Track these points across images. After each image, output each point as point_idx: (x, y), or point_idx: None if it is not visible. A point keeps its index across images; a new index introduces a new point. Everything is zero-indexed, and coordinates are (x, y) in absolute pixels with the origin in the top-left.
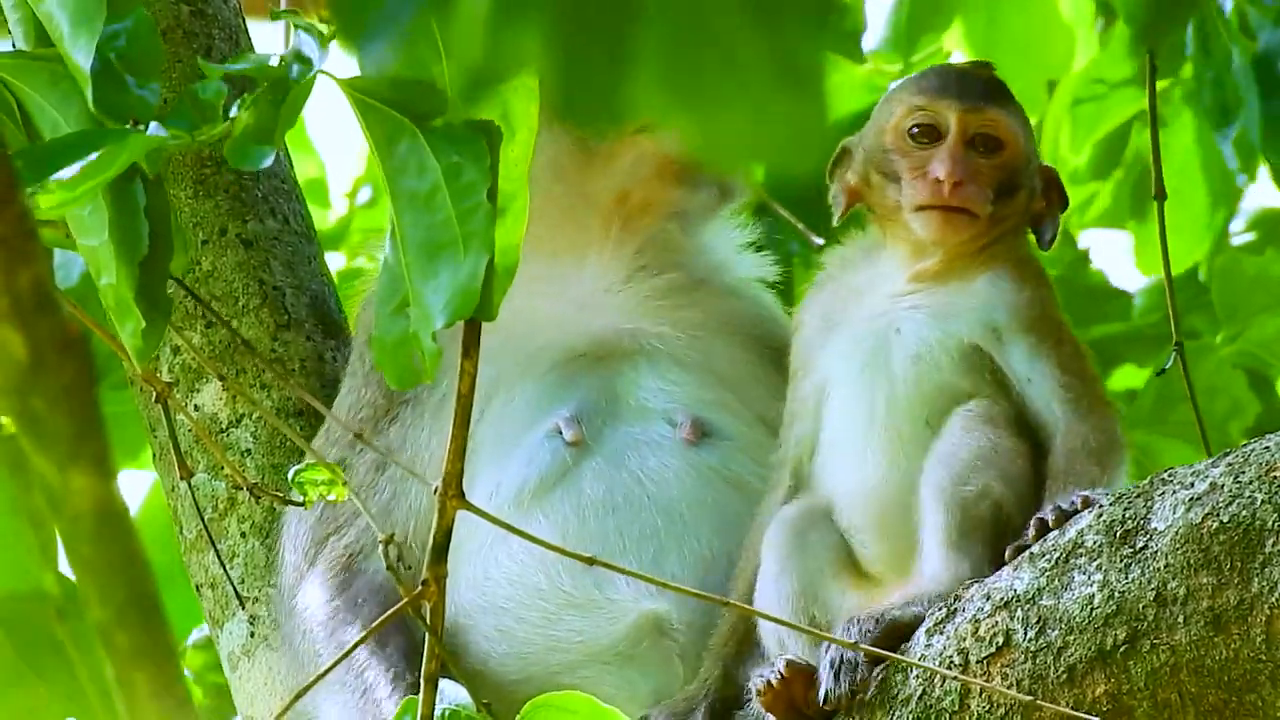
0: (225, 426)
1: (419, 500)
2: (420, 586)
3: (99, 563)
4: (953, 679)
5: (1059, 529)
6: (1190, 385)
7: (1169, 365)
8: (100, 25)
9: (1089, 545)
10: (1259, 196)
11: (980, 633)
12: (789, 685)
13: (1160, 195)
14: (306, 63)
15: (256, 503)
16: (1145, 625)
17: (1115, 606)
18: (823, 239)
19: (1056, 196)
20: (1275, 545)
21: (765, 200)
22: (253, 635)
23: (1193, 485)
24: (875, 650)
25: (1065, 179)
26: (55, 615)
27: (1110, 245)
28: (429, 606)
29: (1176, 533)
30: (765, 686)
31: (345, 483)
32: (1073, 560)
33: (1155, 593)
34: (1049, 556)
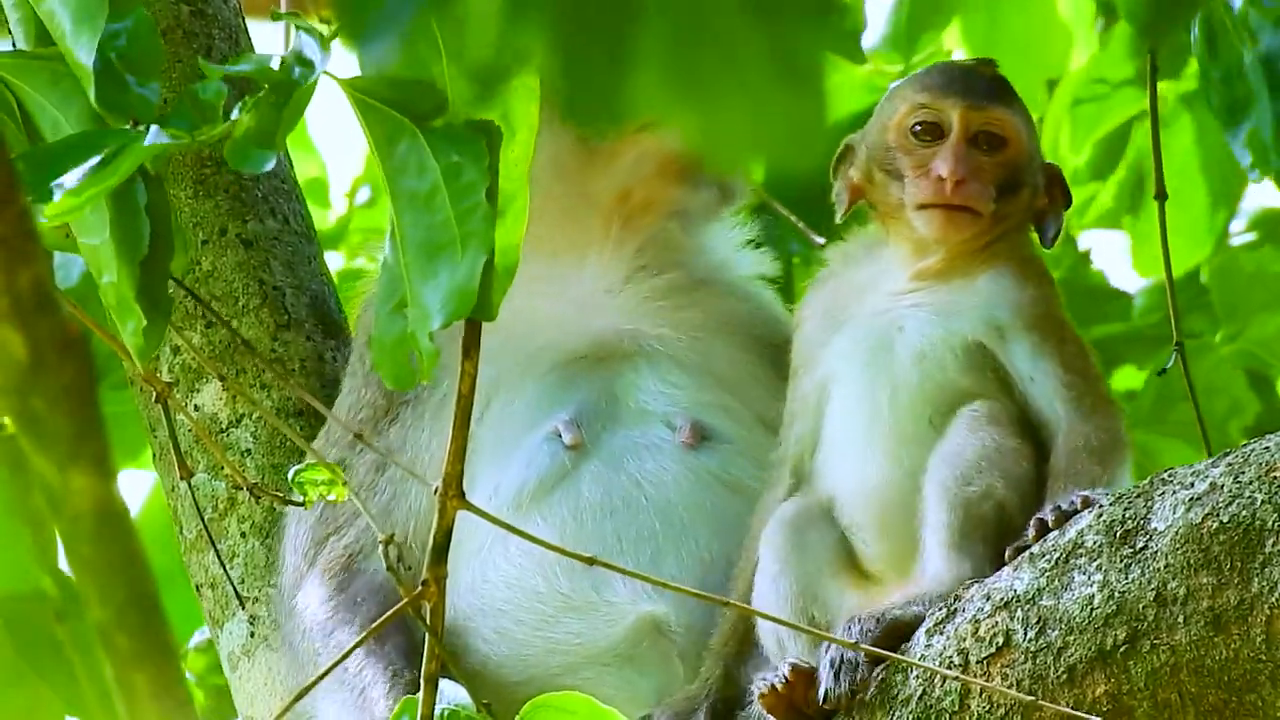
0: (225, 426)
1: (419, 501)
2: (420, 587)
3: (99, 563)
4: (953, 679)
5: (1059, 529)
6: (1191, 385)
7: (1170, 365)
8: (102, 23)
9: (1089, 545)
10: (1259, 197)
11: (980, 633)
12: (792, 689)
13: (1161, 195)
14: (308, 65)
15: (256, 503)
16: (1145, 625)
17: (1115, 607)
18: (823, 238)
19: (1059, 194)
20: (1275, 545)
21: (765, 200)
22: (253, 635)
23: (1193, 485)
24: (875, 650)
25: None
26: (54, 616)
27: (1110, 246)
28: (429, 607)
29: (1176, 533)
30: (769, 690)
31: (345, 483)
32: (1073, 560)
33: (1155, 593)
34: (1049, 557)
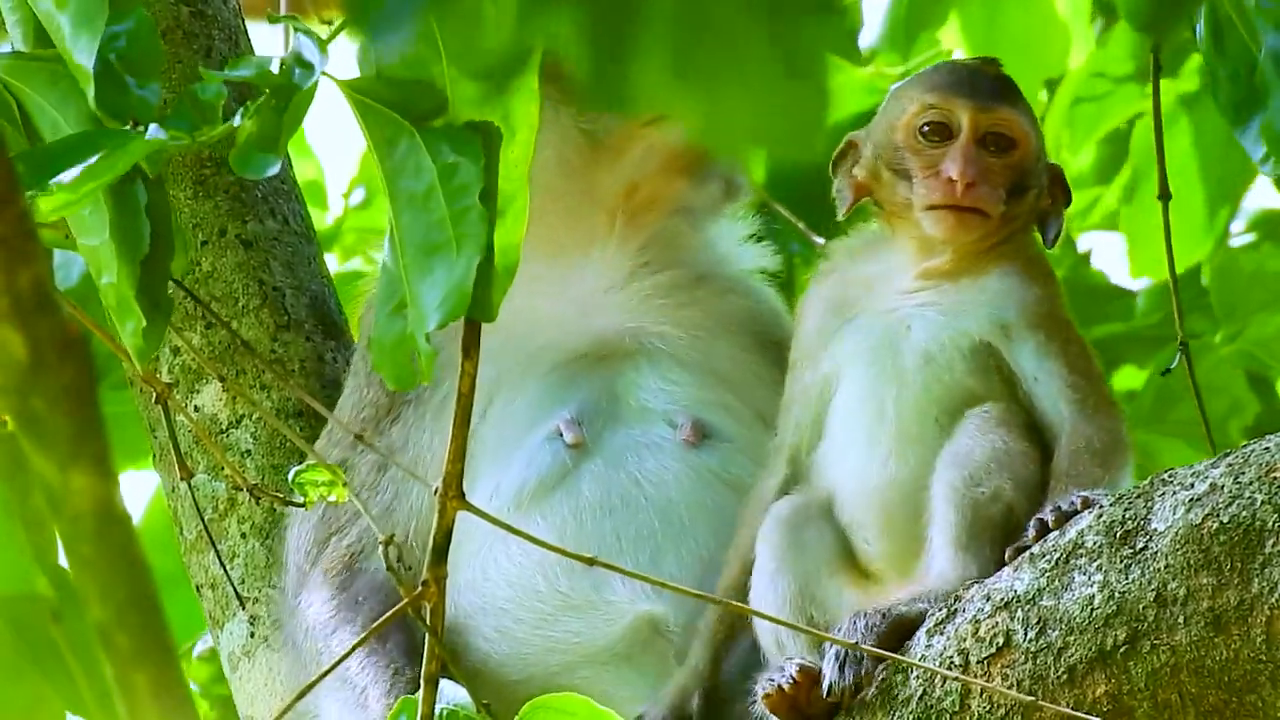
0: (225, 427)
1: (420, 500)
2: (420, 587)
3: (99, 563)
4: (953, 679)
5: (1059, 530)
6: (1196, 384)
7: (1174, 364)
8: (102, 25)
9: (1089, 546)
10: (1259, 197)
11: (980, 633)
12: (799, 689)
13: (1165, 195)
14: (308, 67)
15: (256, 503)
16: (1145, 626)
17: (1115, 607)
18: (824, 238)
19: (1060, 193)
20: (1275, 546)
21: (766, 199)
22: (253, 635)
23: (1193, 486)
24: (876, 650)
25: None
26: (51, 617)
27: (1111, 247)
28: (429, 607)
29: (1176, 533)
30: (775, 691)
31: (346, 484)
32: (1073, 561)
33: (1155, 593)
34: (1049, 557)
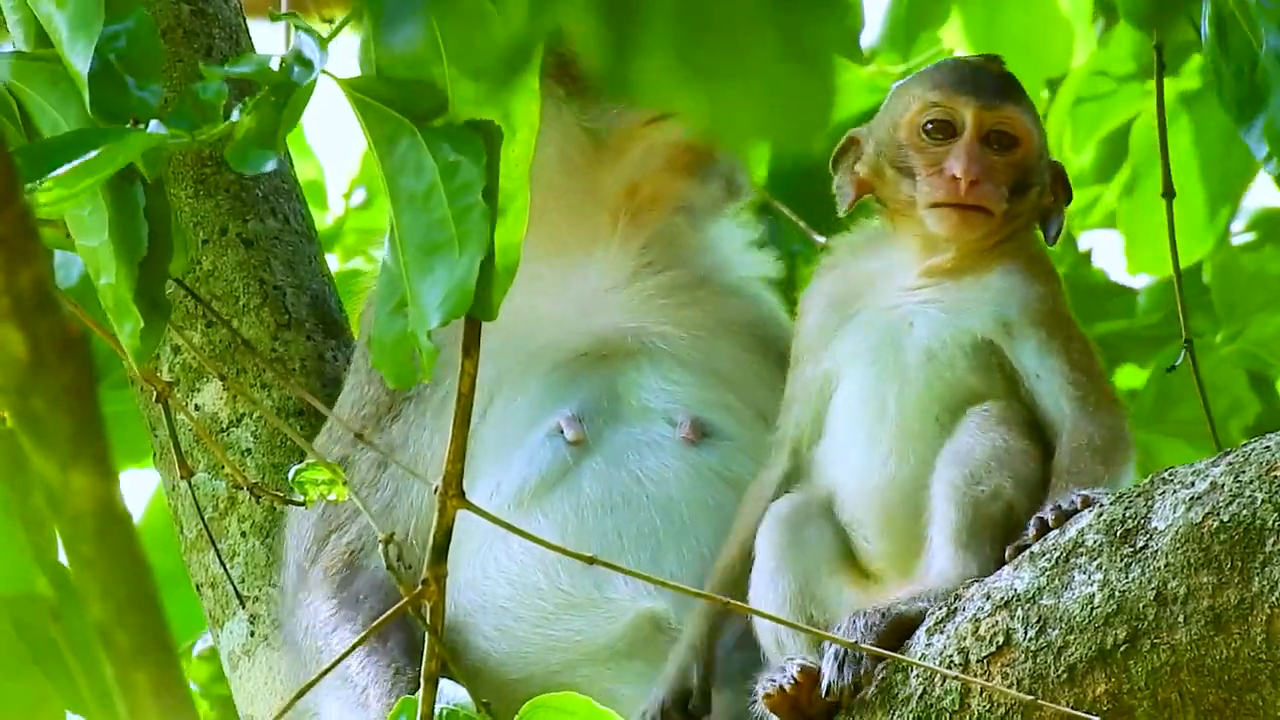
0: (226, 426)
1: (420, 498)
2: (420, 585)
3: (99, 562)
4: (953, 678)
5: (1059, 528)
6: (1200, 383)
7: (1179, 362)
8: (99, 29)
9: (1089, 544)
10: (1259, 195)
11: (980, 632)
12: (799, 689)
13: (1169, 193)
14: (307, 65)
15: (257, 502)
16: (1145, 624)
17: (1115, 606)
18: (825, 237)
19: (1062, 191)
20: (1275, 544)
21: (768, 200)
22: (253, 634)
23: (1193, 484)
24: (876, 650)
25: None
26: (51, 617)
27: (1111, 246)
28: (429, 606)
29: (1177, 532)
30: (776, 691)
31: (346, 482)
32: (1073, 559)
33: (1155, 592)
34: (1049, 556)
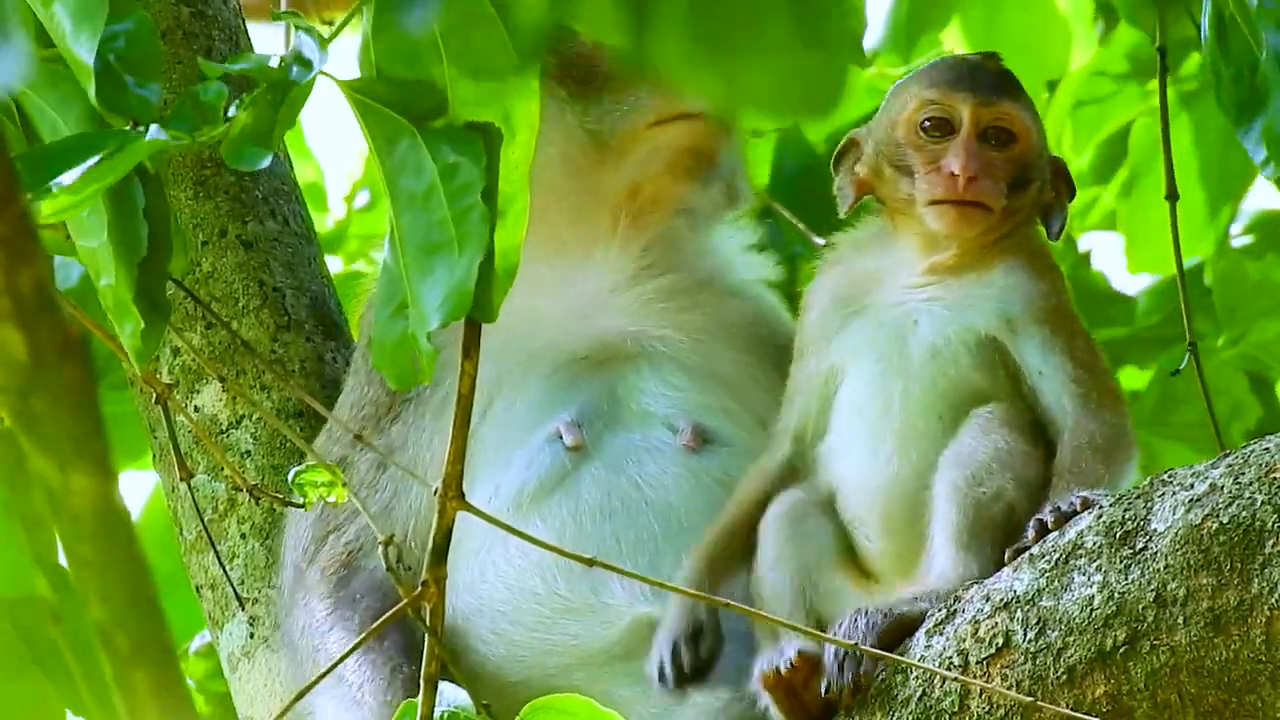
0: (225, 428)
1: (419, 500)
2: (420, 587)
3: (99, 563)
4: (953, 680)
5: (1058, 530)
6: (1204, 384)
7: (1184, 364)
8: (103, 21)
9: (1089, 546)
10: (1259, 198)
11: (980, 634)
12: (795, 674)
13: (1172, 195)
14: (306, 64)
15: (256, 504)
16: (1145, 626)
17: (1115, 607)
18: (825, 240)
19: (1064, 187)
20: (1275, 546)
21: (769, 202)
22: (252, 636)
23: (1192, 486)
24: (875, 652)
25: None
26: (51, 618)
27: (1110, 247)
28: (428, 607)
29: (1176, 534)
30: (772, 672)
31: (345, 484)
32: (1072, 561)
33: (1155, 594)
34: (1049, 557)
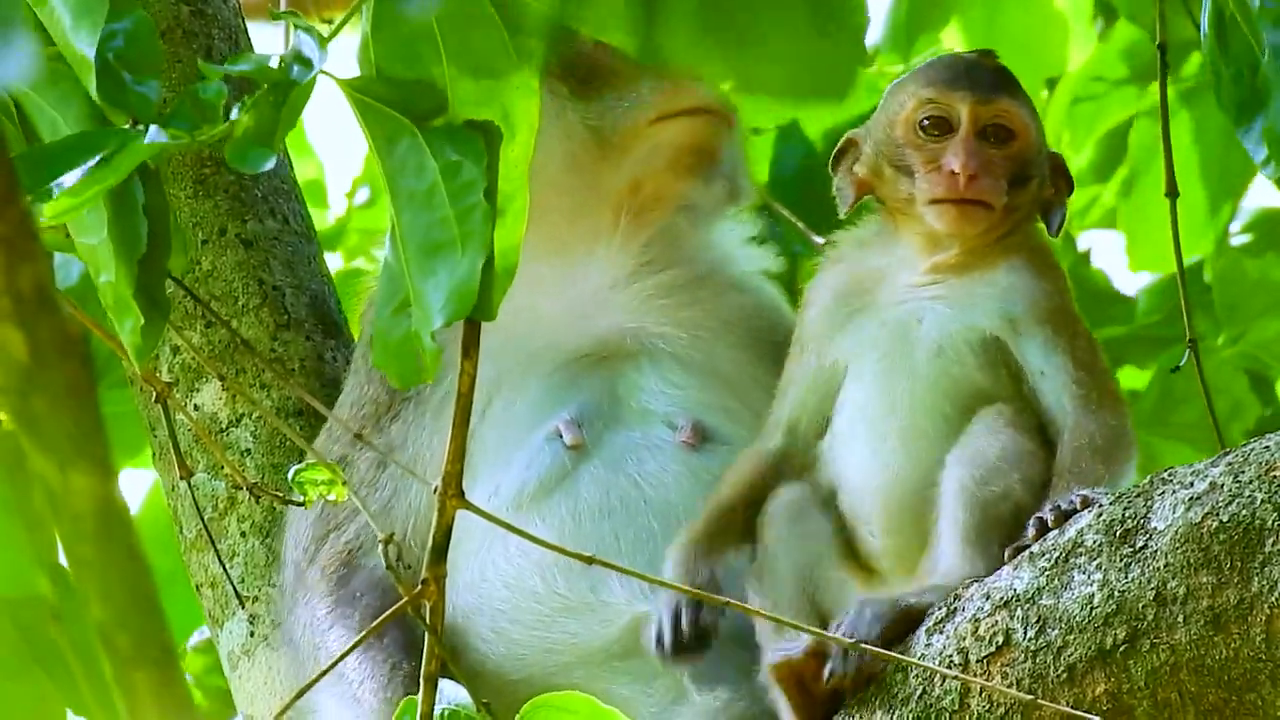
0: (225, 426)
1: (419, 498)
2: (420, 586)
3: (99, 563)
4: (953, 678)
5: (1059, 528)
6: (1204, 383)
7: (1184, 362)
8: (103, 17)
9: (1089, 545)
10: (1259, 196)
11: (980, 632)
12: (806, 665)
13: (1172, 193)
14: (306, 64)
15: (256, 502)
16: (1145, 624)
17: (1115, 606)
18: (825, 239)
19: (1063, 182)
20: (1275, 544)
21: (769, 202)
22: (252, 635)
23: (1192, 485)
24: (876, 650)
25: None
26: (51, 617)
27: (1110, 245)
28: (428, 606)
29: (1176, 532)
30: (784, 661)
31: (345, 482)
32: (1072, 560)
33: (1155, 592)
34: (1049, 556)
